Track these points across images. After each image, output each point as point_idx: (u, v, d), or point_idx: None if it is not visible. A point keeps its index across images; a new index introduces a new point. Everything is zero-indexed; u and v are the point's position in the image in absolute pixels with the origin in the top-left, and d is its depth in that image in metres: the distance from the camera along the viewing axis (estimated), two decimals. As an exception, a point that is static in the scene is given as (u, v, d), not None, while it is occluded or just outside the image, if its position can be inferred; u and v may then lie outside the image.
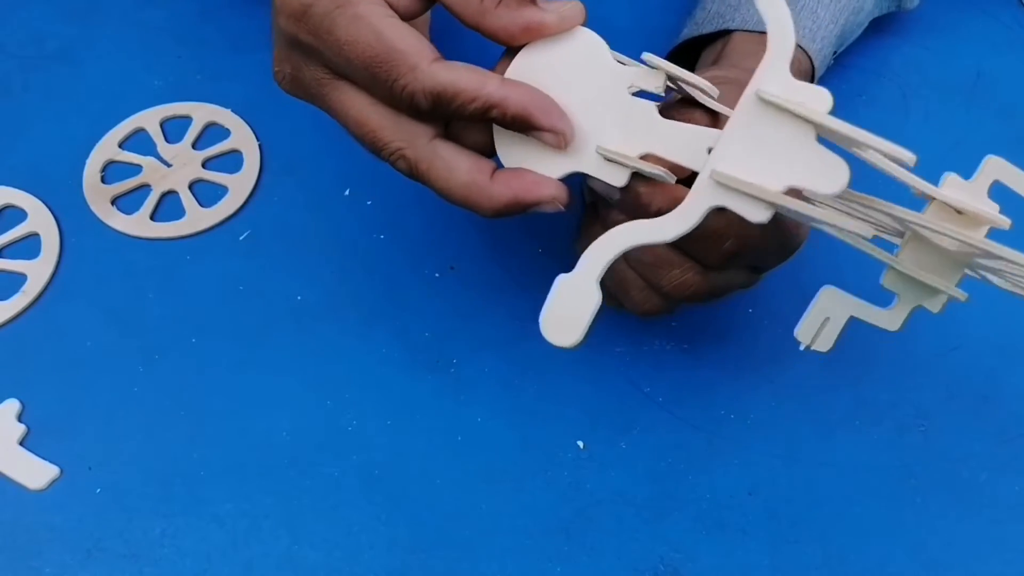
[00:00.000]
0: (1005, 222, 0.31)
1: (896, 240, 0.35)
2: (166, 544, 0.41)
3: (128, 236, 0.50)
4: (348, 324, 0.47)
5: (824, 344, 0.35)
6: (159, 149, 0.53)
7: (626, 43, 0.56)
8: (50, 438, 0.44)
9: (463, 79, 0.33)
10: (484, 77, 0.34)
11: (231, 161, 0.52)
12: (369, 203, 0.50)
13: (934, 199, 0.32)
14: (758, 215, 0.30)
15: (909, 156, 0.29)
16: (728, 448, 0.43)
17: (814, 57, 0.47)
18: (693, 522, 0.41)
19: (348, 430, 0.44)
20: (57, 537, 0.41)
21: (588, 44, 0.35)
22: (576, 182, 0.36)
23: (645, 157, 0.34)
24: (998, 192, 0.33)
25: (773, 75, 0.30)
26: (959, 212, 0.32)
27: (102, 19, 0.58)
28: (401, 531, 0.41)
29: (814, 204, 0.31)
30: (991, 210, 0.32)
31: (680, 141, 0.33)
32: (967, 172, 0.44)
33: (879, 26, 0.56)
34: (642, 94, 0.34)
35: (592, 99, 0.34)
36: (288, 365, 0.46)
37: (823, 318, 0.34)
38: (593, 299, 0.31)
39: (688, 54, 0.49)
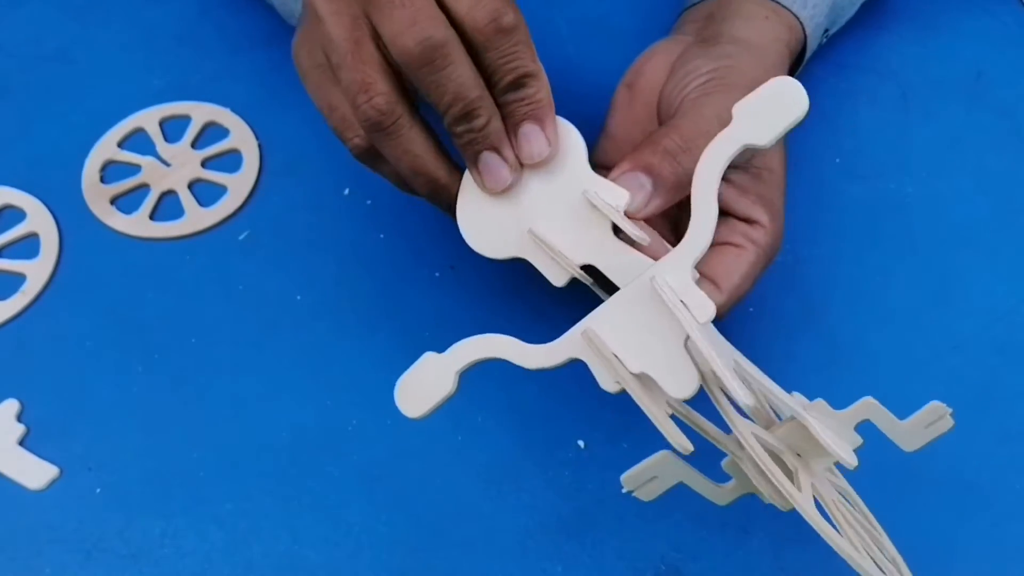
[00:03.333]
0: (850, 462, 0.32)
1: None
2: (166, 544, 0.41)
3: (127, 236, 0.50)
4: (348, 324, 0.47)
5: (646, 495, 0.35)
6: (158, 149, 0.53)
7: (626, 43, 0.56)
8: (50, 438, 0.44)
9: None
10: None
11: (230, 161, 0.52)
12: (369, 203, 0.50)
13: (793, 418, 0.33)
14: (607, 385, 0.32)
15: (745, 395, 0.30)
16: (729, 448, 0.43)
17: (806, 24, 0.47)
18: (694, 521, 0.41)
19: (348, 430, 0.44)
20: (57, 537, 0.41)
21: (569, 143, 0.35)
22: None
23: (585, 267, 0.35)
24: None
25: (675, 267, 0.31)
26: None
27: (102, 19, 0.58)
28: (401, 531, 0.41)
29: (657, 422, 0.32)
30: (845, 444, 0.33)
31: (621, 263, 0.34)
32: (967, 172, 0.45)
33: (879, 24, 0.56)
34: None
35: (555, 195, 0.35)
36: (288, 365, 0.46)
37: (651, 476, 0.35)
38: (447, 388, 0.33)
39: None
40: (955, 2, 0.58)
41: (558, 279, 0.35)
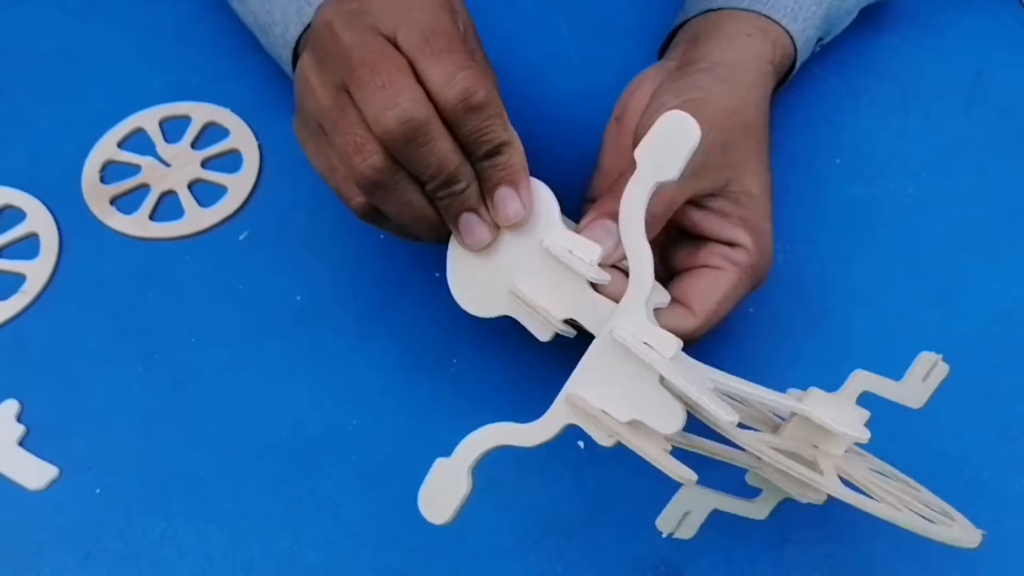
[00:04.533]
0: (862, 435, 0.33)
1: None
2: (166, 544, 0.41)
3: (127, 236, 0.50)
4: (348, 324, 0.47)
5: (686, 533, 0.36)
6: (158, 149, 0.53)
7: (626, 43, 0.56)
8: (50, 438, 0.44)
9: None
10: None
11: (230, 161, 0.52)
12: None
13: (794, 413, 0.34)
14: (603, 440, 0.33)
15: (726, 413, 0.31)
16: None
17: (796, 38, 0.47)
18: (694, 521, 0.41)
19: (348, 430, 0.44)
20: (57, 537, 0.41)
21: (542, 202, 0.37)
22: None
23: (568, 321, 0.36)
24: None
25: (629, 313, 0.33)
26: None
27: (102, 19, 0.58)
28: (401, 531, 0.41)
29: (651, 458, 0.32)
30: (852, 420, 0.34)
31: (599, 314, 0.34)
32: (967, 172, 0.45)
33: (878, 25, 0.56)
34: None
35: (533, 254, 0.36)
36: (288, 365, 0.46)
37: (684, 512, 0.36)
38: (464, 487, 0.34)
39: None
40: (955, 2, 0.58)
41: (543, 334, 0.37)
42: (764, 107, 0.43)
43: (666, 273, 0.42)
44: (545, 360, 0.45)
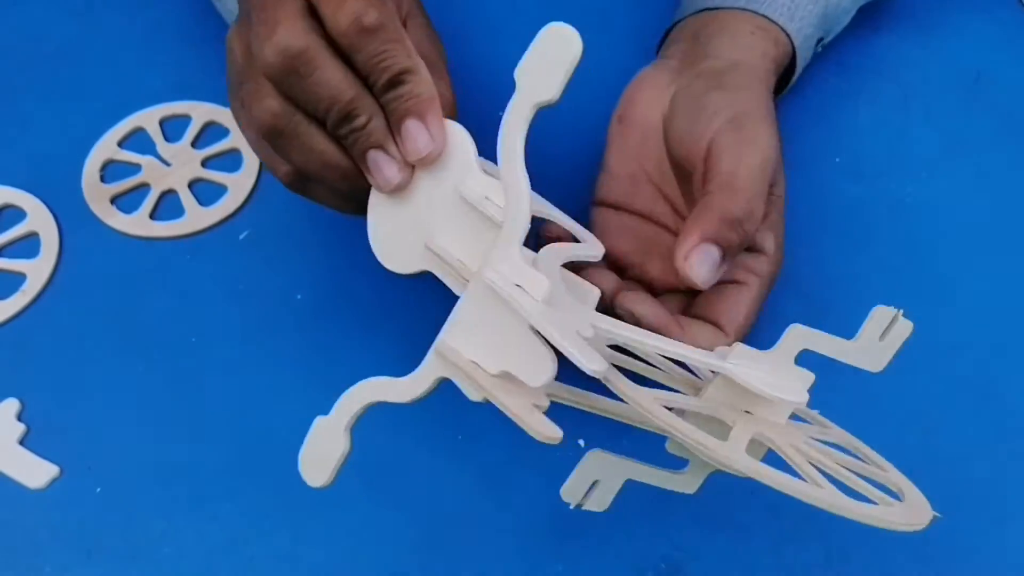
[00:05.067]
0: (794, 398, 0.30)
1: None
2: (166, 544, 0.41)
3: (128, 236, 0.50)
4: (348, 323, 0.47)
5: (598, 505, 0.34)
6: (158, 148, 0.53)
7: (626, 43, 0.56)
8: (50, 438, 0.44)
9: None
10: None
11: (230, 160, 0.52)
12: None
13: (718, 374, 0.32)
14: (472, 395, 0.31)
15: (590, 361, 0.28)
16: (729, 447, 0.43)
17: (793, 37, 0.47)
18: (695, 520, 0.41)
19: (348, 430, 0.44)
20: (57, 537, 0.41)
21: (456, 144, 0.34)
22: None
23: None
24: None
25: (503, 254, 0.30)
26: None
27: (102, 18, 0.58)
28: (401, 531, 0.41)
29: (517, 420, 0.31)
30: (786, 383, 0.31)
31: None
32: (967, 172, 0.44)
33: (878, 25, 0.56)
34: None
35: (448, 203, 0.34)
36: (288, 365, 0.46)
37: (591, 480, 0.33)
38: (342, 446, 0.33)
39: None
40: (955, 2, 0.58)
41: (459, 288, 0.34)
42: (773, 105, 0.43)
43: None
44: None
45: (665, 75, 0.44)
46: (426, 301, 0.47)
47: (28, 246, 0.50)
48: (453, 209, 0.34)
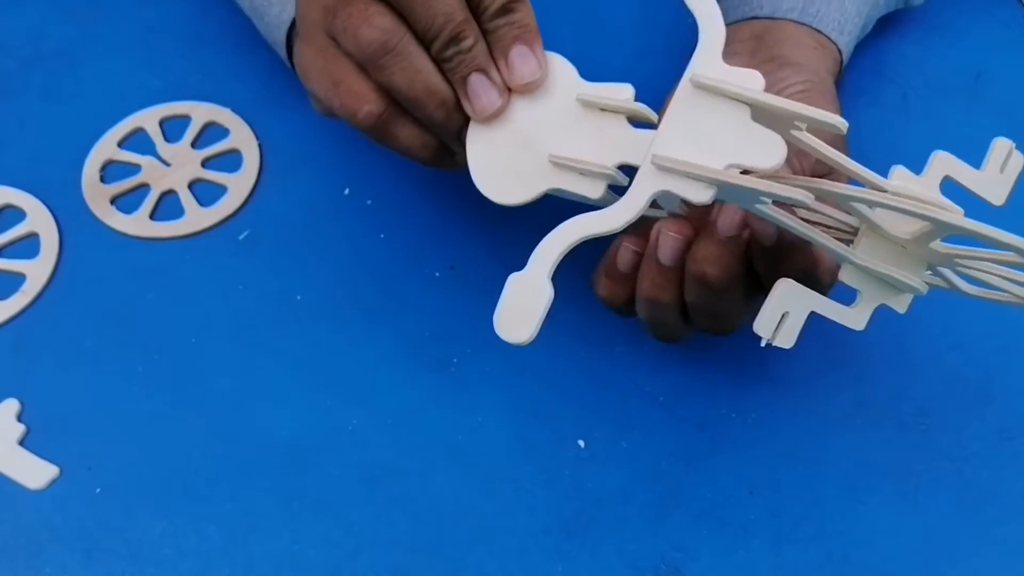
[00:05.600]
0: (957, 210, 0.31)
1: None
2: (166, 544, 0.41)
3: (127, 236, 0.50)
4: (348, 324, 0.47)
5: (786, 340, 0.34)
6: (158, 149, 0.53)
7: (627, 43, 0.56)
8: (50, 438, 0.44)
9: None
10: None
11: (230, 161, 0.52)
12: (369, 202, 0.50)
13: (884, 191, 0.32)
14: (700, 195, 0.30)
15: (840, 122, 0.29)
16: (729, 447, 0.43)
17: (843, 50, 0.46)
18: (695, 521, 0.41)
19: (348, 430, 0.44)
20: (57, 537, 0.41)
21: (557, 68, 0.35)
22: None
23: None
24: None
25: (707, 61, 0.30)
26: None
27: (101, 19, 0.58)
28: (401, 531, 0.41)
29: (760, 189, 0.30)
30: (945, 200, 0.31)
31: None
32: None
33: (879, 25, 0.56)
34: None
35: (559, 116, 0.34)
36: (288, 365, 0.46)
37: (782, 311, 0.33)
38: (545, 295, 0.31)
39: None
40: (955, 2, 0.58)
41: (594, 190, 0.34)
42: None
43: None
44: (545, 361, 0.45)
45: (732, 60, 0.43)
46: (426, 301, 0.47)
47: (28, 246, 0.50)
48: (567, 120, 0.34)
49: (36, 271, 0.49)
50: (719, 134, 0.30)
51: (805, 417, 0.44)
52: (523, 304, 0.31)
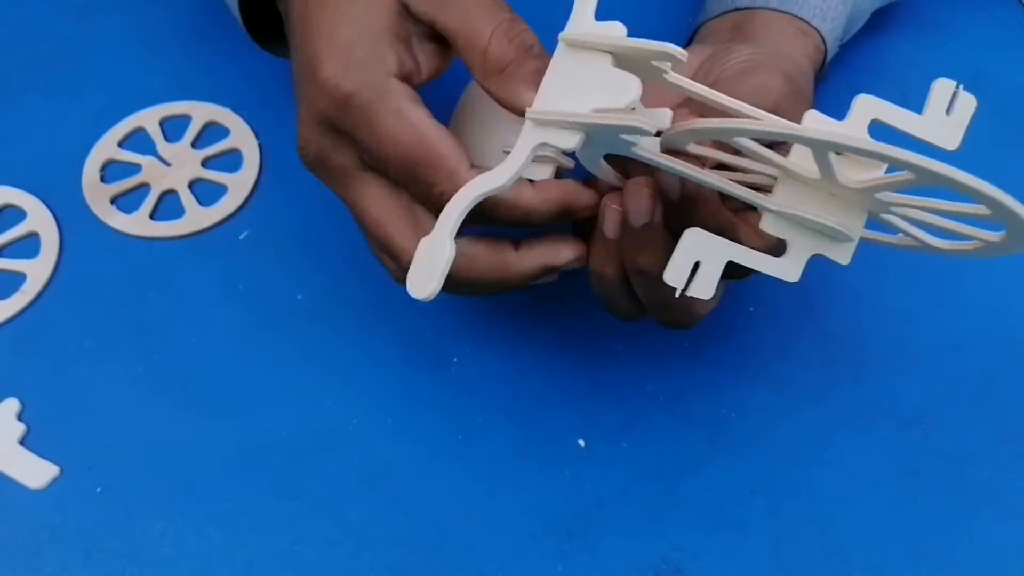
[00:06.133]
0: (887, 150, 0.27)
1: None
2: (166, 544, 0.41)
3: (128, 236, 0.50)
4: (348, 324, 0.47)
5: (702, 290, 0.32)
6: (159, 148, 0.53)
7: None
8: (50, 438, 0.44)
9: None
10: (520, 188, 0.34)
11: (231, 160, 0.52)
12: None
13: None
14: (568, 141, 0.31)
15: (671, 48, 0.29)
16: (730, 447, 0.43)
17: (826, 37, 0.46)
18: (695, 520, 0.41)
19: (348, 430, 0.44)
20: (57, 537, 0.41)
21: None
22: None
23: None
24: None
25: (577, 21, 0.32)
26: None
27: (102, 18, 0.58)
28: (401, 531, 0.41)
29: (611, 123, 0.31)
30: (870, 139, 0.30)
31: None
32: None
33: (879, 24, 0.56)
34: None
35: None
36: (288, 365, 0.46)
37: (692, 260, 0.32)
38: (447, 251, 0.32)
39: None
40: (955, 2, 0.58)
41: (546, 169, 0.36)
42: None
43: None
44: (545, 361, 0.45)
45: (702, 59, 0.42)
46: (424, 303, 0.47)
47: (28, 246, 0.50)
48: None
49: (36, 271, 0.49)
50: (586, 84, 0.31)
51: (805, 417, 0.44)
52: (429, 262, 0.32)
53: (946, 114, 0.31)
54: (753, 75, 0.38)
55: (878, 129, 0.31)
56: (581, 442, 0.43)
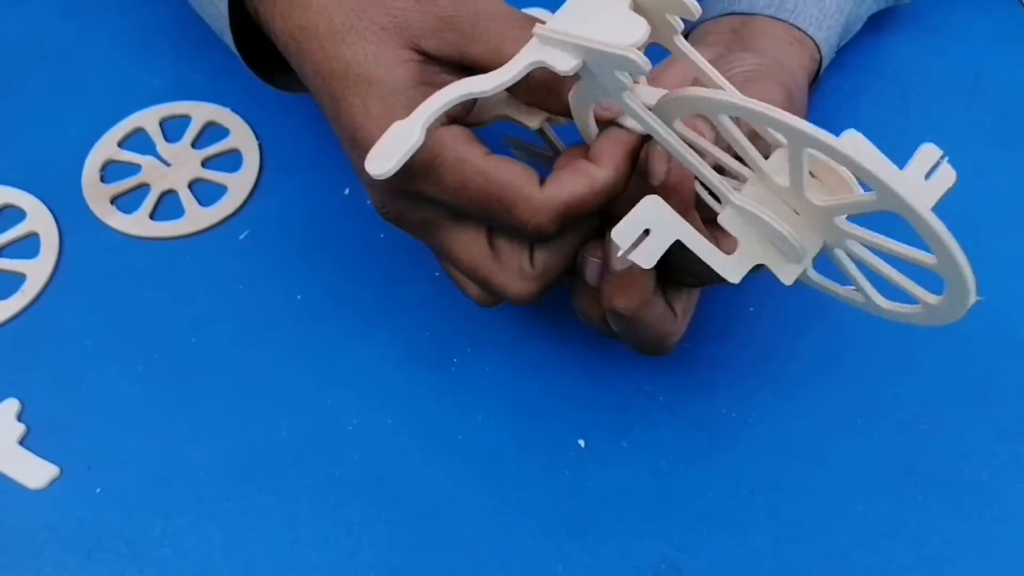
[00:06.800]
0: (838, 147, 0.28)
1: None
2: (166, 544, 0.41)
3: (127, 236, 0.50)
4: (348, 324, 0.47)
5: (643, 258, 0.32)
6: (158, 148, 0.53)
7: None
8: (50, 438, 0.44)
9: (577, 187, 0.34)
10: (587, 174, 0.34)
11: (231, 160, 0.52)
12: (369, 203, 0.50)
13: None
14: (566, 64, 0.32)
15: (694, 7, 0.30)
16: (729, 447, 0.43)
17: (821, 45, 0.46)
18: (695, 521, 0.41)
19: (348, 430, 0.44)
20: (57, 537, 0.41)
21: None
22: None
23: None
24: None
25: None
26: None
27: (101, 18, 0.58)
28: (401, 531, 0.41)
29: (608, 52, 0.31)
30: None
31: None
32: (967, 172, 0.44)
33: (879, 25, 0.56)
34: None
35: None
36: (288, 365, 0.46)
37: (642, 226, 0.32)
38: (415, 137, 0.32)
39: None
40: (955, 2, 0.58)
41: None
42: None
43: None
44: (545, 361, 0.45)
45: (707, 52, 0.42)
46: (426, 301, 0.47)
47: (28, 246, 0.50)
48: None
49: (36, 271, 0.49)
50: (600, 19, 0.31)
51: (805, 417, 0.44)
52: (395, 143, 0.32)
53: (924, 179, 0.33)
54: (755, 85, 0.39)
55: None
56: (581, 442, 0.43)
